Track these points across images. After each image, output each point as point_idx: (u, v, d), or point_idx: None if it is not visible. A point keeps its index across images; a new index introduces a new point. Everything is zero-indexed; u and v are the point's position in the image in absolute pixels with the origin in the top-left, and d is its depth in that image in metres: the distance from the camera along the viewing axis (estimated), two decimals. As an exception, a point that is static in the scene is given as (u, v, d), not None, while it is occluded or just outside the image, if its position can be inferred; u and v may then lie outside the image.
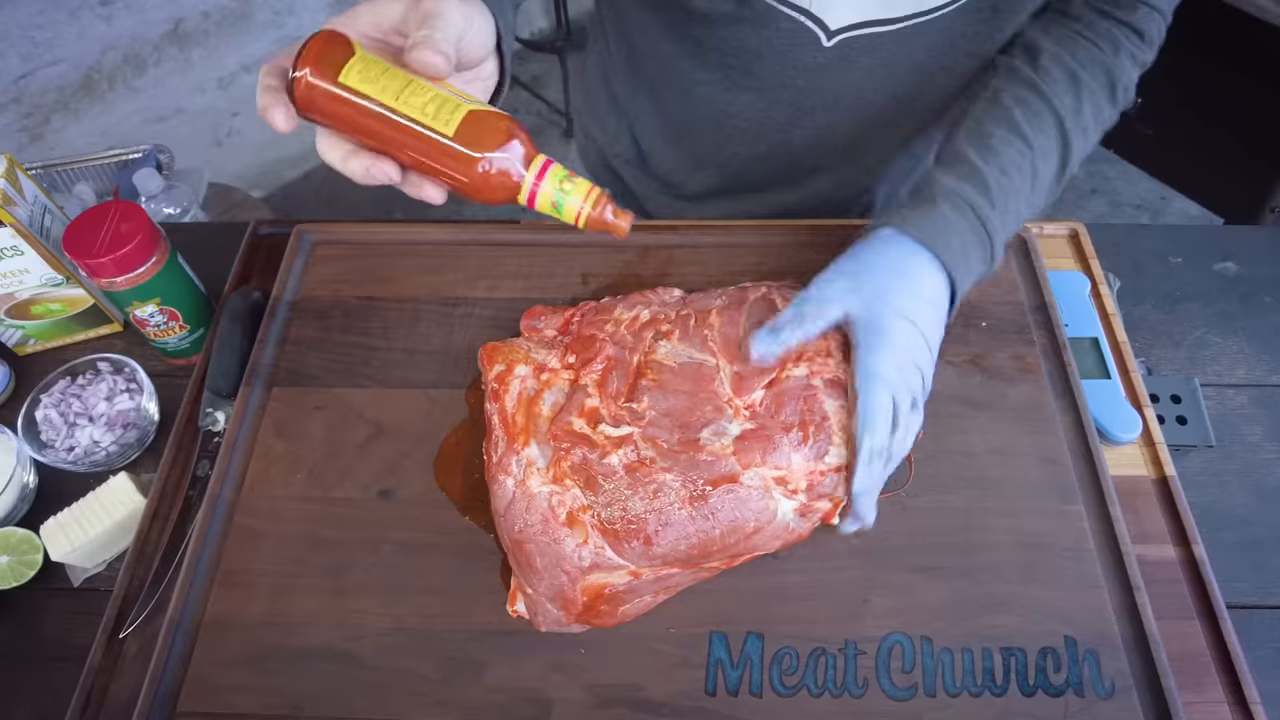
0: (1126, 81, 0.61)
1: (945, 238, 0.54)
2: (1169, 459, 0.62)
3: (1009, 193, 0.56)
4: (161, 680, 0.51)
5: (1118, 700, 0.50)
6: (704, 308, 0.58)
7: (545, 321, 0.61)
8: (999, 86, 0.60)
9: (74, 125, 1.66)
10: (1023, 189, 0.57)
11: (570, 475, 0.51)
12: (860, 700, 0.50)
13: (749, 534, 0.50)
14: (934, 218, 0.54)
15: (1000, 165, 0.56)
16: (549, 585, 0.50)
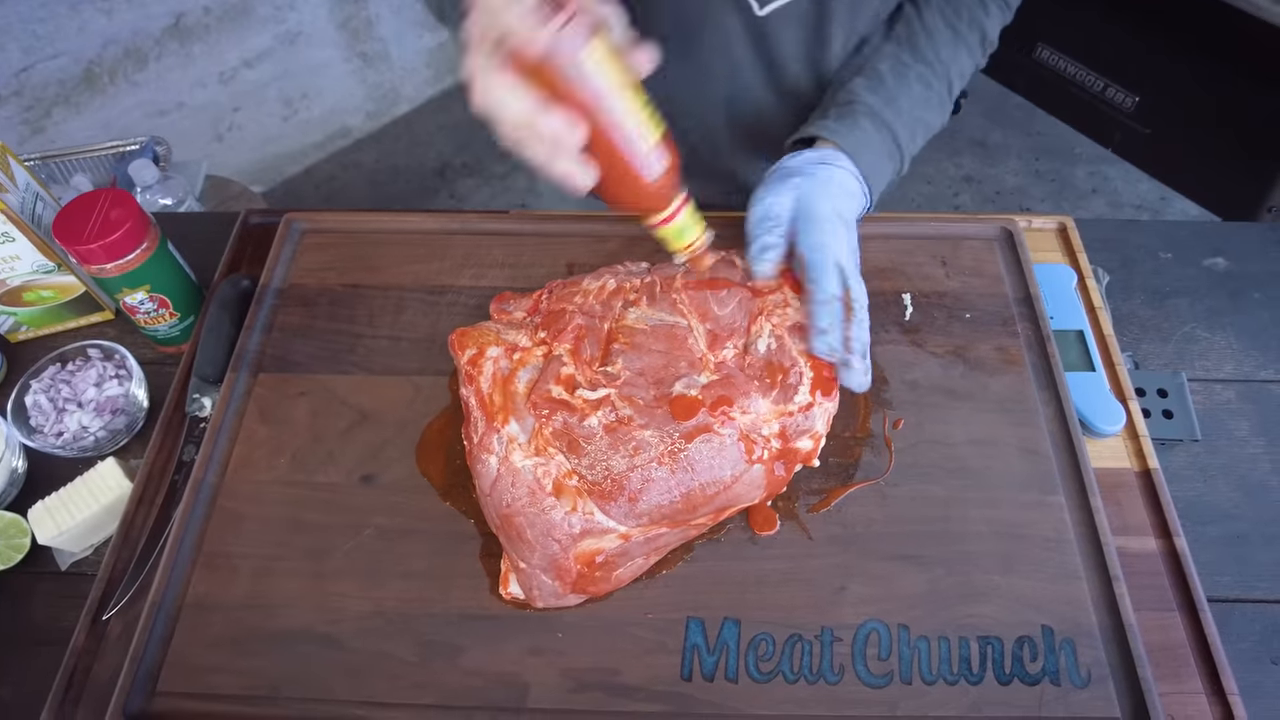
0: (992, 36, 0.73)
1: (863, 150, 0.64)
2: (1152, 451, 0.62)
3: (914, 117, 0.68)
4: (142, 661, 0.52)
5: (1093, 689, 0.50)
6: (668, 274, 0.60)
7: (514, 305, 0.62)
8: (900, 35, 0.71)
9: (75, 119, 1.67)
10: (925, 118, 0.70)
11: (552, 443, 0.51)
12: (836, 687, 0.50)
13: (728, 484, 0.51)
14: (854, 130, 0.64)
15: (909, 97, 0.68)
16: (542, 556, 0.50)
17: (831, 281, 0.58)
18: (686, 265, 0.58)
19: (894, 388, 0.62)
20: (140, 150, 1.12)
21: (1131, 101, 1.49)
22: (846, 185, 0.63)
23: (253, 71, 1.90)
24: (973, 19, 0.71)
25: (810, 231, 0.59)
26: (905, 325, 0.66)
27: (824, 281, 0.58)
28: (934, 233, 0.71)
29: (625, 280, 0.60)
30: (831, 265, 0.58)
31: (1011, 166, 2.19)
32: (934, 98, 0.70)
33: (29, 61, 1.57)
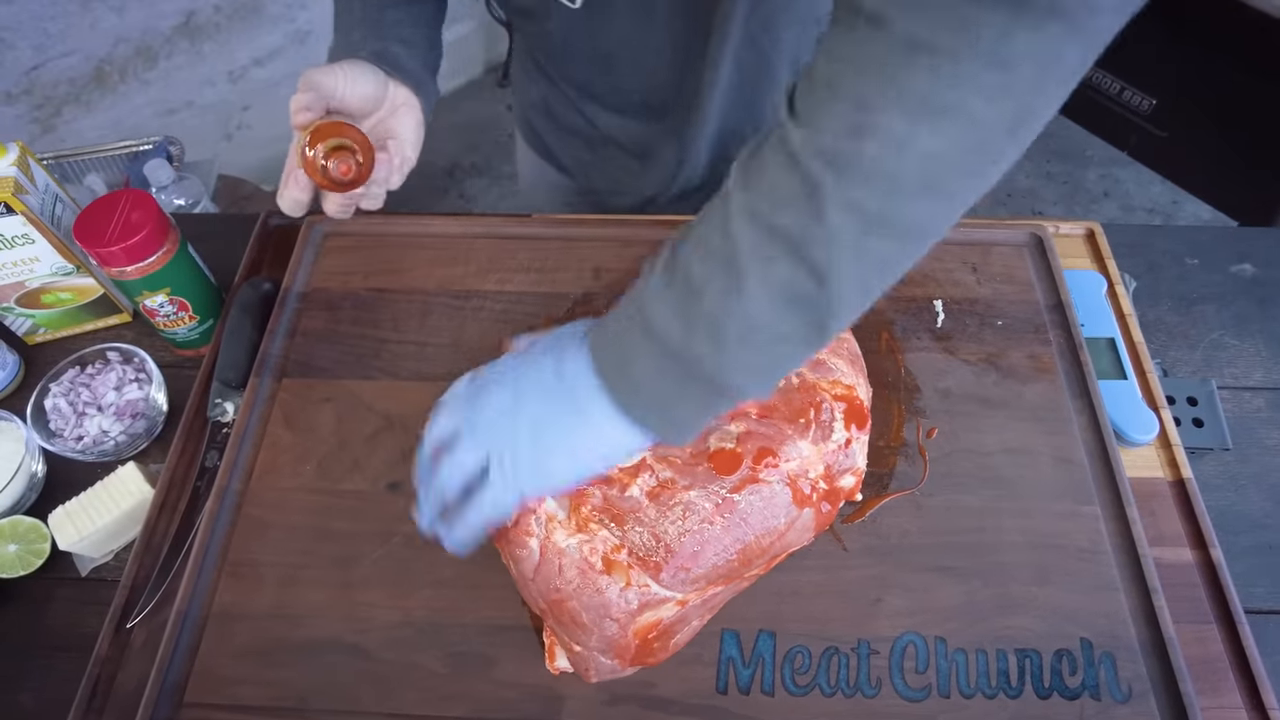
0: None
1: (602, 324, 0.44)
2: (1185, 461, 0.61)
3: (680, 253, 0.41)
4: (169, 671, 0.51)
5: (1134, 704, 0.49)
6: None
7: None
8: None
9: (85, 117, 1.66)
10: (709, 237, 0.39)
11: (594, 519, 0.48)
12: (873, 700, 0.49)
13: (781, 532, 0.49)
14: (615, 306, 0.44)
15: (688, 226, 0.42)
16: (600, 638, 0.47)
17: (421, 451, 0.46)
18: None
19: (927, 396, 0.62)
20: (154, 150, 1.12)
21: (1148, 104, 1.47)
22: (545, 363, 0.44)
23: (263, 70, 1.89)
24: None
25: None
26: (937, 332, 0.65)
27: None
28: (963, 239, 0.70)
29: None
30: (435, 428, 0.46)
31: (1023, 168, 2.19)
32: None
33: (40, 60, 1.56)
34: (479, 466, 0.44)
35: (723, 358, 0.39)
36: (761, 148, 0.38)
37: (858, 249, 0.36)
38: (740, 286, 0.37)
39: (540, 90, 0.83)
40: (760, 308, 0.38)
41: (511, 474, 0.43)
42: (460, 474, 0.44)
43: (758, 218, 0.37)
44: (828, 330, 0.39)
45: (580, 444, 0.43)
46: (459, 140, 2.30)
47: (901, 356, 0.64)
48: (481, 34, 2.38)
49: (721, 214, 0.39)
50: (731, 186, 0.39)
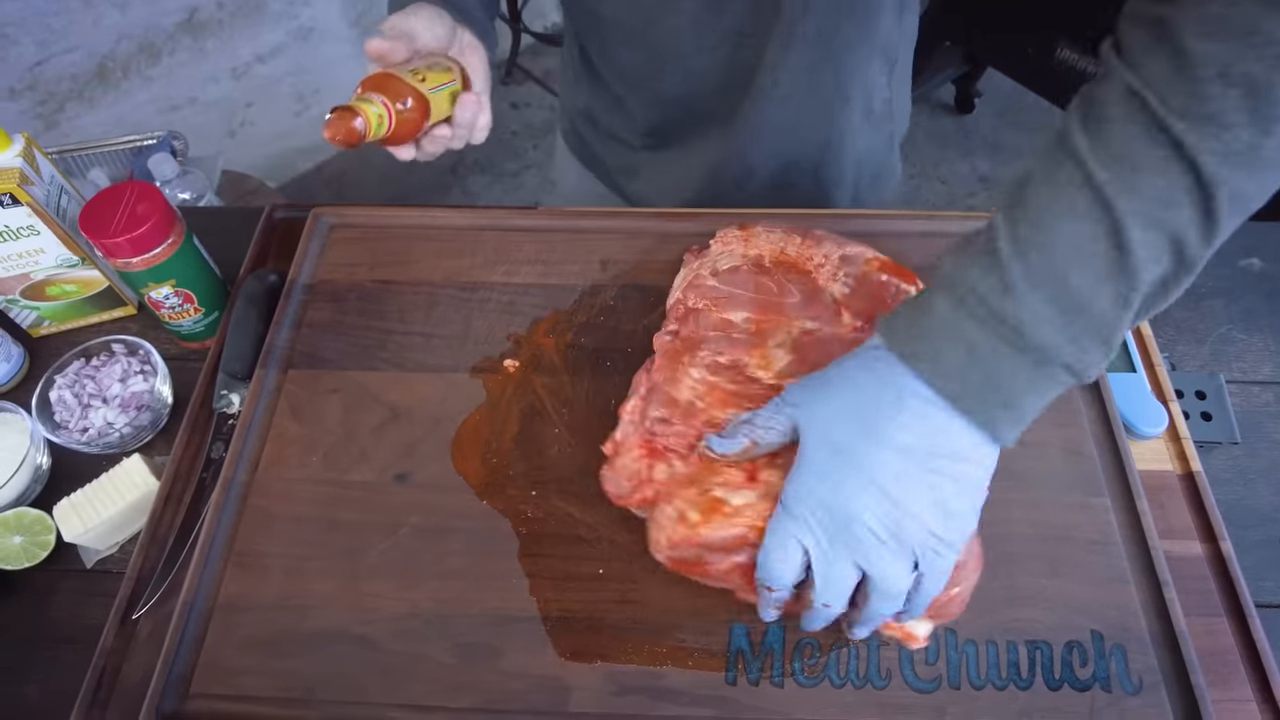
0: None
1: (935, 355, 0.40)
2: (1195, 454, 0.61)
3: (1055, 260, 0.37)
4: (174, 662, 0.51)
5: (1145, 696, 0.49)
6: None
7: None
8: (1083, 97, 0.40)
9: (88, 114, 1.66)
10: (1090, 245, 0.37)
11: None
12: (883, 691, 0.49)
13: None
14: (920, 321, 0.41)
15: (1031, 213, 0.39)
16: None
17: (772, 572, 0.43)
18: None
19: (935, 388, 0.61)
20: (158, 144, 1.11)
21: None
22: (887, 409, 0.41)
23: (265, 67, 1.89)
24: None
25: (793, 477, 0.43)
26: (944, 324, 0.65)
27: (763, 565, 0.43)
28: (970, 230, 0.70)
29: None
30: (783, 544, 0.42)
31: (1025, 167, 2.18)
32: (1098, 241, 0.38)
33: (43, 56, 1.56)
34: (910, 574, 0.42)
35: (1105, 360, 0.39)
36: (1127, 136, 0.36)
37: (1226, 234, 0.37)
38: (1135, 296, 0.37)
39: (585, 97, 0.83)
40: (1141, 305, 0.38)
41: (946, 556, 0.41)
42: (898, 591, 0.42)
43: (1153, 225, 0.36)
44: (1162, 307, 0.40)
45: (977, 484, 0.41)
46: (461, 138, 2.29)
47: (910, 349, 0.64)
48: (484, 32, 2.38)
49: (1106, 221, 0.36)
50: (1107, 188, 0.36)
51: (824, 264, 0.59)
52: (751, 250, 0.60)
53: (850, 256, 0.60)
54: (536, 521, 0.55)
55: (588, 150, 0.89)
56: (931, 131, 2.28)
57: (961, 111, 2.30)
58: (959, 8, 1.99)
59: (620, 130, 0.82)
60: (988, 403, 0.39)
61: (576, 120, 0.88)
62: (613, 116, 0.82)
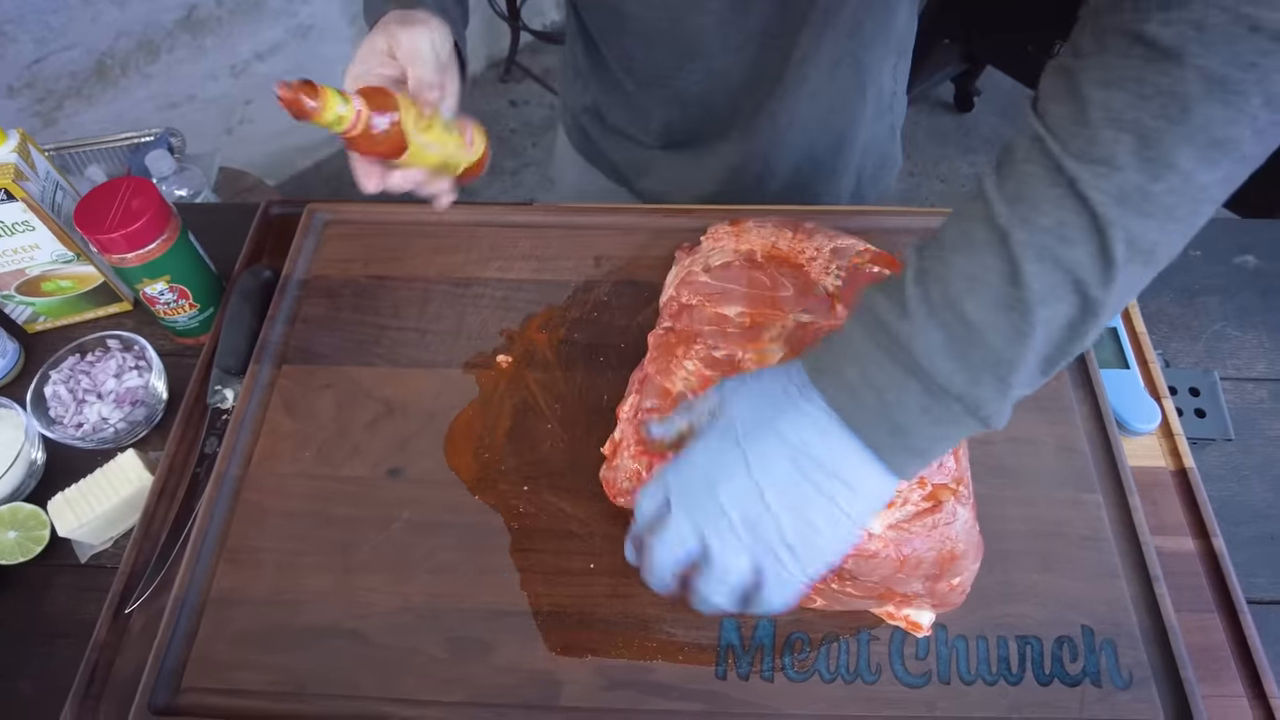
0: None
1: (837, 369, 0.40)
2: (1188, 450, 0.61)
3: (951, 289, 0.38)
4: (166, 656, 0.51)
5: (1135, 691, 0.49)
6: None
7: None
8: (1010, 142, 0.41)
9: (87, 111, 1.67)
10: (985, 275, 0.37)
11: None
12: (873, 686, 0.49)
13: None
14: (834, 342, 0.42)
15: (938, 248, 0.40)
16: None
17: (641, 502, 0.44)
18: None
19: (927, 384, 0.61)
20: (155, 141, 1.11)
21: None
22: (785, 405, 0.42)
23: (264, 64, 1.89)
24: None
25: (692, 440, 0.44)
26: (937, 321, 0.65)
27: (639, 499, 0.44)
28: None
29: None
30: (648, 498, 0.44)
31: (1025, 165, 2.18)
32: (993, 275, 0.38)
33: (42, 53, 1.56)
34: (751, 572, 0.41)
35: (1004, 401, 0.38)
36: (1027, 176, 0.37)
37: (1128, 281, 0.37)
38: (1030, 329, 0.37)
39: (592, 94, 0.83)
40: (1042, 348, 0.37)
41: (792, 571, 0.41)
42: (731, 583, 0.41)
43: (1047, 258, 0.36)
44: (1075, 353, 0.39)
45: (850, 513, 0.40)
46: (460, 136, 2.30)
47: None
48: (483, 30, 2.38)
49: (1001, 253, 0.37)
50: (1004, 221, 0.37)
51: (816, 257, 0.59)
52: (743, 245, 0.60)
53: (842, 249, 0.60)
54: (528, 516, 0.55)
55: (593, 147, 0.89)
56: (931, 130, 2.28)
57: (961, 110, 2.30)
58: (958, 6, 1.99)
59: (630, 127, 0.82)
60: (878, 426, 0.39)
61: (580, 117, 0.87)
62: (622, 113, 0.81)
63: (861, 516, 0.41)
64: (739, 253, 0.59)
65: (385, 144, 0.52)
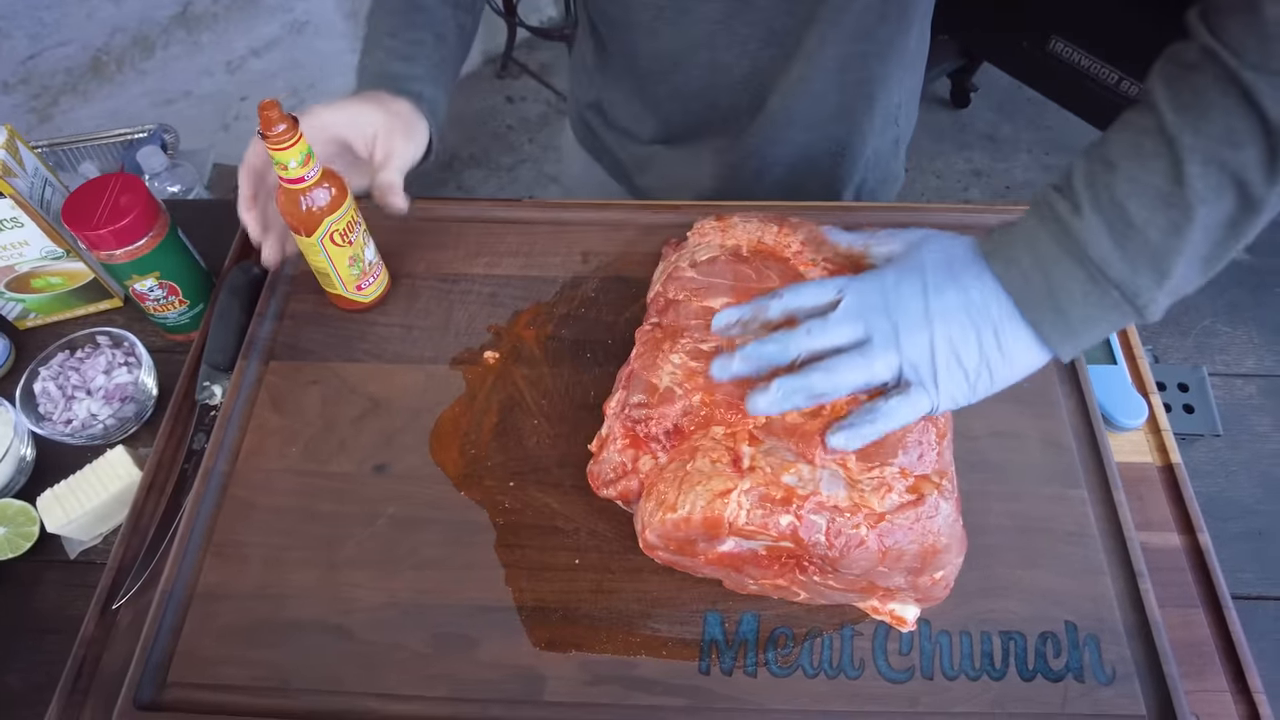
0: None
1: (1010, 256, 0.46)
2: (1175, 446, 0.61)
3: (1116, 191, 0.42)
4: (153, 651, 0.51)
5: (1118, 686, 0.49)
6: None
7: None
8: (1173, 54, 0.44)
9: (82, 107, 1.66)
10: (1150, 178, 0.42)
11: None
12: (856, 682, 0.49)
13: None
14: (1009, 232, 0.47)
15: (1104, 153, 0.44)
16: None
17: (801, 291, 0.49)
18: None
19: (914, 380, 0.61)
20: (148, 138, 1.11)
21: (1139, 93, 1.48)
22: (965, 283, 0.47)
23: (260, 61, 1.89)
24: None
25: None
26: (925, 316, 0.65)
27: (790, 290, 0.49)
28: (957, 222, 0.70)
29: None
30: (815, 287, 0.49)
31: (1021, 161, 2.18)
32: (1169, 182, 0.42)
33: (36, 49, 1.56)
34: (891, 376, 0.47)
35: (1158, 291, 0.43)
36: (1200, 86, 0.40)
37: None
38: (1189, 226, 0.41)
39: (597, 89, 0.83)
40: (1200, 244, 0.42)
41: (928, 394, 0.46)
42: (868, 377, 0.46)
43: (1213, 161, 0.40)
44: (1238, 248, 0.43)
45: (994, 372, 0.46)
46: (457, 132, 2.30)
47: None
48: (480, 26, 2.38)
49: (1168, 155, 0.41)
50: (1173, 128, 0.41)
51: (801, 250, 0.59)
52: (729, 240, 0.60)
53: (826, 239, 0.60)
54: (514, 512, 0.56)
55: (596, 141, 0.89)
56: (927, 125, 2.27)
57: (957, 105, 2.30)
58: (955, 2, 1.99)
59: (632, 124, 0.82)
60: (1042, 305, 0.45)
61: (585, 112, 0.87)
62: (624, 109, 0.81)
63: (1001, 379, 0.47)
64: (725, 248, 0.59)
65: (301, 217, 0.58)
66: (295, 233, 0.59)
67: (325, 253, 0.60)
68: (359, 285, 0.64)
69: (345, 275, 0.62)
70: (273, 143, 0.52)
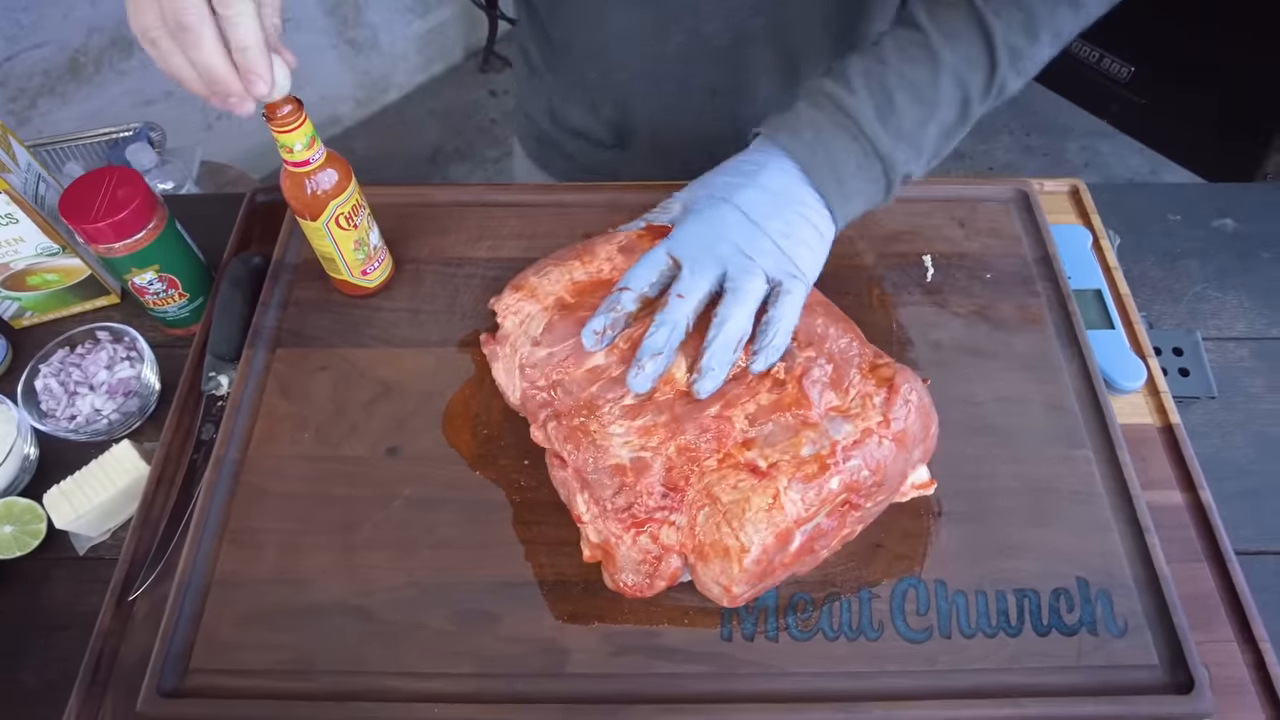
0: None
1: (795, 131, 0.53)
2: (1173, 407, 0.62)
3: (886, 82, 0.53)
4: (173, 639, 0.51)
5: (1130, 638, 0.50)
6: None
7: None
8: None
9: (61, 109, 1.64)
10: (914, 78, 0.53)
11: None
12: (876, 643, 0.50)
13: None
14: (786, 115, 0.54)
15: (878, 55, 0.54)
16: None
17: (633, 269, 0.52)
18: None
19: (919, 348, 0.62)
20: (134, 136, 1.10)
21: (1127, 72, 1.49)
22: (753, 169, 0.54)
23: (240, 59, 1.87)
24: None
25: (676, 227, 0.54)
26: (927, 286, 0.66)
27: (632, 273, 0.52)
28: (950, 195, 0.71)
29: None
30: (654, 259, 0.52)
31: (1003, 142, 2.20)
32: (935, 84, 0.54)
33: (13, 51, 1.54)
34: (765, 289, 0.51)
35: (914, 163, 0.55)
36: (954, 16, 0.53)
37: (998, 99, 0.56)
38: (931, 120, 0.54)
39: (546, 96, 0.81)
40: (935, 134, 0.54)
41: (800, 273, 0.52)
42: (752, 304, 0.50)
43: (956, 77, 0.53)
44: (946, 150, 0.57)
45: (824, 234, 0.54)
46: (441, 126, 2.29)
47: (893, 311, 0.65)
48: (461, 20, 2.37)
49: (930, 67, 0.53)
50: (938, 46, 0.53)
51: (615, 262, 0.57)
52: (546, 301, 0.56)
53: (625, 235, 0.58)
54: (530, 490, 0.56)
55: (555, 151, 0.86)
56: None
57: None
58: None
59: (594, 128, 0.80)
60: (825, 176, 0.53)
61: (538, 119, 0.85)
62: (588, 112, 0.79)
63: (825, 246, 0.55)
64: (548, 309, 0.55)
65: (306, 200, 0.58)
66: (300, 218, 0.59)
67: (331, 236, 0.60)
68: (364, 270, 0.64)
69: (351, 260, 0.62)
70: (278, 125, 0.52)
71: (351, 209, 0.59)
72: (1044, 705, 0.48)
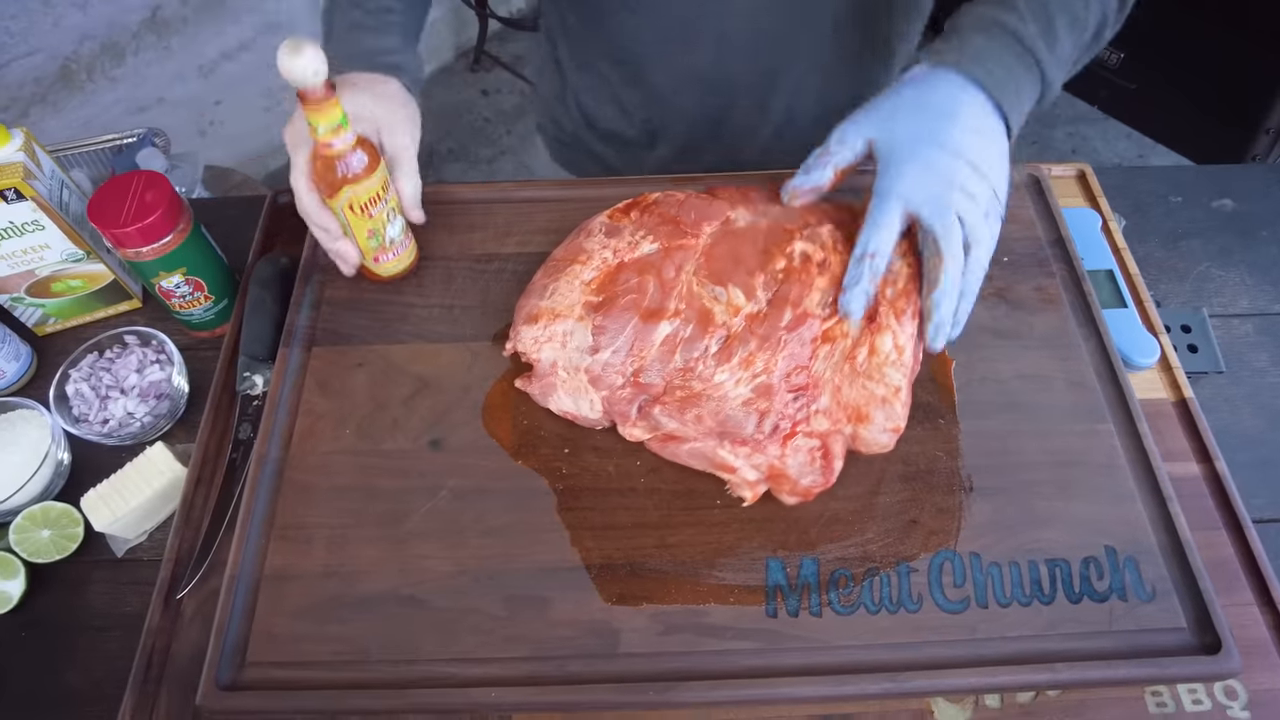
0: None
1: (982, 63, 0.55)
2: (1186, 382, 0.65)
3: (1046, 10, 0.56)
4: (228, 634, 0.52)
5: (1159, 602, 0.52)
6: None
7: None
8: None
9: (53, 117, 1.63)
10: (1061, 9, 0.57)
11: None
12: (916, 615, 0.51)
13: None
14: (964, 47, 0.56)
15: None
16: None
17: (873, 232, 0.54)
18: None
19: (942, 330, 0.64)
20: (139, 141, 1.10)
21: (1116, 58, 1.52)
22: (953, 105, 0.55)
23: (233, 63, 1.86)
24: None
25: (882, 172, 0.55)
26: (946, 271, 0.68)
27: (869, 229, 0.54)
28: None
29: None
30: (890, 217, 0.54)
31: (999, 133, 2.23)
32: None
33: (3, 60, 1.52)
34: (990, 198, 0.55)
35: (1060, 80, 0.59)
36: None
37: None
38: (1081, 43, 0.59)
39: (574, 98, 0.81)
40: (1079, 55, 0.61)
41: (1000, 212, 0.56)
42: (982, 206, 0.54)
43: (1099, 5, 0.59)
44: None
45: (1005, 154, 0.57)
46: (433, 126, 2.28)
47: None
48: (451, 19, 2.37)
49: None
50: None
51: (604, 248, 0.62)
52: (570, 315, 0.59)
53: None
54: (571, 477, 0.57)
55: (582, 148, 0.87)
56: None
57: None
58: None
59: (620, 122, 0.81)
60: (1007, 92, 0.56)
61: (565, 122, 0.85)
62: (614, 107, 0.80)
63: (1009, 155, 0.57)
64: (582, 319, 0.58)
65: (325, 178, 0.58)
66: (319, 191, 0.60)
67: (344, 218, 0.60)
68: (376, 258, 0.64)
69: (364, 245, 0.63)
70: (309, 105, 0.53)
71: (369, 200, 0.59)
72: (1079, 670, 0.49)
